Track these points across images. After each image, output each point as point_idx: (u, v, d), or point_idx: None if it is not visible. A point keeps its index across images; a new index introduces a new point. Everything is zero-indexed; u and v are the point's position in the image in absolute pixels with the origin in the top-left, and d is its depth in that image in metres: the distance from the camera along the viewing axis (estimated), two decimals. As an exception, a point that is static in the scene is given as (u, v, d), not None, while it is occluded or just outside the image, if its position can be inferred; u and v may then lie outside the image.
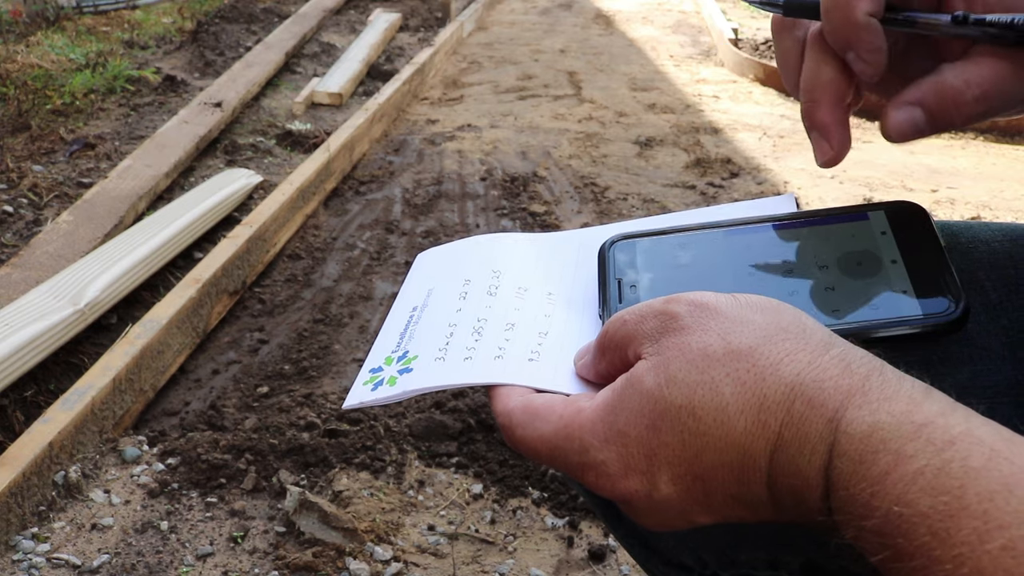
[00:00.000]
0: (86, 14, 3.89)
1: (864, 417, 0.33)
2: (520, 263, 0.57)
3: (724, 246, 0.51)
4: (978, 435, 0.31)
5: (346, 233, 2.20)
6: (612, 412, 0.39)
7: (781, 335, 0.38)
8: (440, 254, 0.62)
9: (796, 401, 0.35)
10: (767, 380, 0.36)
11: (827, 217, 0.52)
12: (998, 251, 0.51)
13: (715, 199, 2.42)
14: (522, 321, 0.51)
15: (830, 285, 0.47)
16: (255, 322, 1.80)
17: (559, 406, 0.42)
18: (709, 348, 0.38)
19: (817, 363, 0.36)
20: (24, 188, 2.23)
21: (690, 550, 0.55)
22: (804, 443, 0.35)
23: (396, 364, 0.51)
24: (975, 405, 0.47)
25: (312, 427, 1.43)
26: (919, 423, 0.32)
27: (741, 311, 0.39)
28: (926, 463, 0.31)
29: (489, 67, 3.75)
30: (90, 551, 1.19)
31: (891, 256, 0.48)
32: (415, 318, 0.55)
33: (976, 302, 0.49)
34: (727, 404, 0.36)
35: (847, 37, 0.45)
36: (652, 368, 0.39)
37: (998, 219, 2.27)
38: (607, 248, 0.53)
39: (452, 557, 1.21)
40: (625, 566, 1.19)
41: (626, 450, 0.39)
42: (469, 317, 0.52)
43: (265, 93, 3.12)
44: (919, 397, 0.34)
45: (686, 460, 0.38)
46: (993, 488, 0.29)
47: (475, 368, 0.47)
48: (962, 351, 0.47)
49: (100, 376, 1.39)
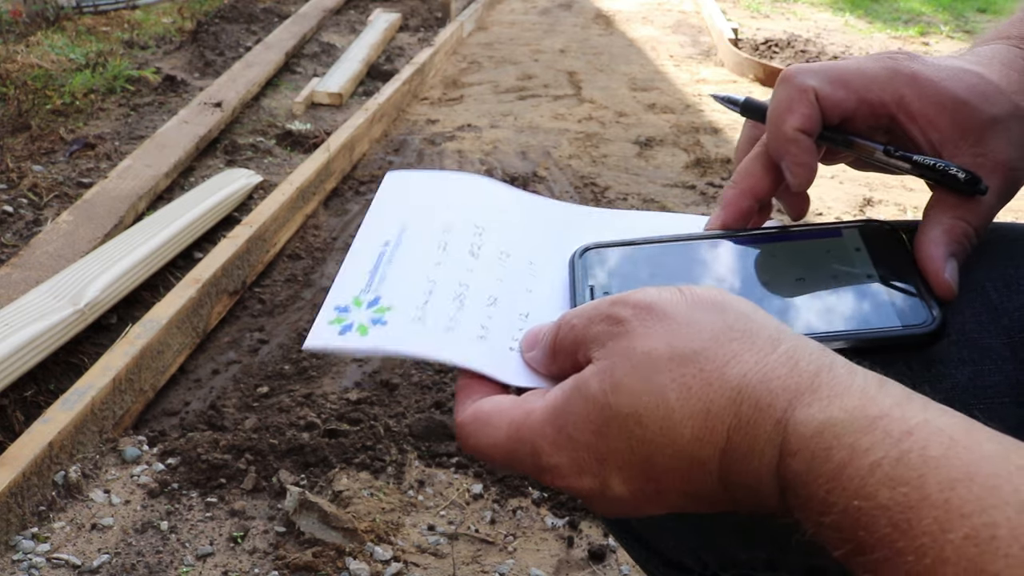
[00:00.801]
0: (86, 14, 3.89)
1: (815, 415, 0.33)
2: (503, 222, 0.55)
3: (699, 257, 0.51)
4: (936, 424, 0.31)
5: (346, 233, 2.20)
6: (561, 416, 0.39)
7: (728, 335, 0.37)
8: (415, 182, 0.58)
9: (743, 404, 0.35)
10: (713, 385, 0.36)
11: (801, 233, 0.53)
12: (998, 250, 0.51)
13: (715, 199, 2.42)
14: (504, 296, 0.50)
15: (808, 298, 0.48)
16: (255, 322, 1.80)
17: (509, 410, 0.42)
18: (654, 353, 0.37)
19: (764, 363, 0.36)
20: (24, 188, 2.23)
21: (690, 550, 0.55)
22: (754, 445, 0.35)
23: (367, 310, 0.48)
24: (975, 406, 0.47)
25: (312, 427, 1.43)
26: (873, 416, 0.32)
27: (688, 311, 0.39)
28: (883, 455, 0.31)
29: (489, 67, 3.75)
30: (90, 551, 1.19)
31: (866, 271, 0.49)
32: (386, 256, 0.52)
33: (976, 302, 0.49)
34: (673, 411, 0.36)
35: (778, 148, 0.50)
36: (598, 373, 0.39)
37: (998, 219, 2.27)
38: (578, 256, 0.52)
39: (452, 557, 1.21)
40: (625, 566, 1.19)
41: (576, 454, 0.39)
42: (450, 278, 0.50)
43: (265, 93, 3.12)
44: (872, 390, 0.34)
45: (636, 464, 0.38)
46: (954, 476, 0.29)
47: (458, 345, 0.46)
48: (962, 352, 0.47)
49: (100, 376, 1.39)
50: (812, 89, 0.48)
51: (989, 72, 0.49)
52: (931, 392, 0.46)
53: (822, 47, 3.97)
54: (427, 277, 0.50)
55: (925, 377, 0.47)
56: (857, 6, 5.05)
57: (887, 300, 0.47)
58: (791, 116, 0.48)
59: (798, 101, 0.48)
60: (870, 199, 2.42)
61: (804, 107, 0.48)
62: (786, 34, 4.20)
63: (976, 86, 0.48)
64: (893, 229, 0.51)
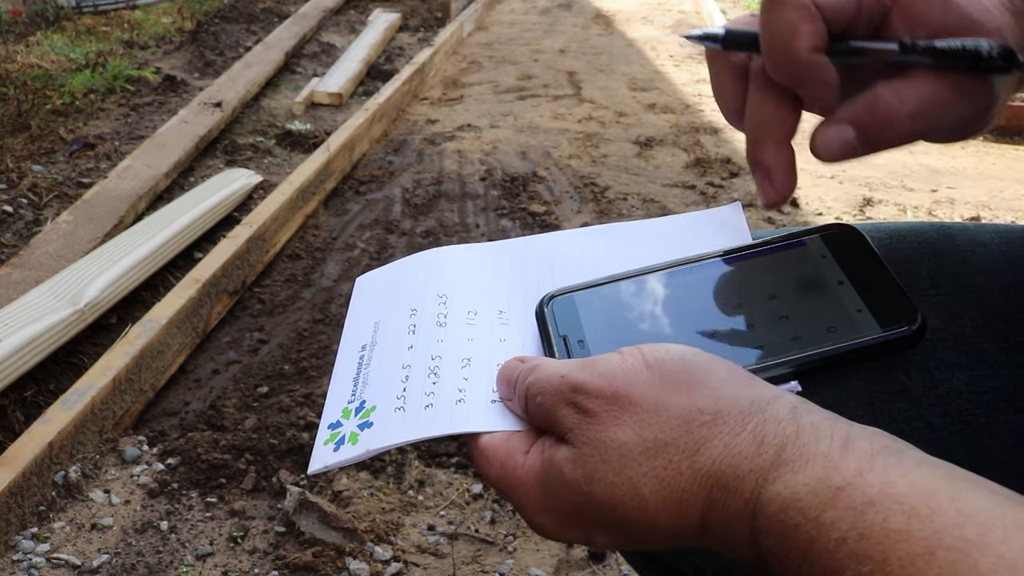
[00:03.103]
0: (86, 14, 3.89)
1: (780, 491, 0.34)
2: (464, 283, 0.55)
3: (666, 291, 0.50)
4: (895, 492, 0.31)
5: (346, 233, 2.20)
6: (542, 486, 0.41)
7: (697, 420, 0.37)
8: (381, 277, 0.59)
9: (713, 489, 0.36)
10: (684, 474, 0.37)
11: (763, 249, 0.51)
12: (995, 254, 0.51)
13: (715, 199, 2.42)
14: (477, 354, 0.50)
15: (784, 314, 0.47)
16: (255, 322, 1.80)
17: (500, 453, 0.44)
18: (625, 447, 0.38)
19: (732, 445, 0.36)
20: (24, 188, 2.23)
21: (686, 556, 0.55)
22: (727, 523, 0.36)
23: (355, 418, 0.49)
24: (972, 411, 0.47)
25: (312, 427, 1.43)
26: (836, 487, 0.32)
27: (657, 394, 0.39)
28: (849, 528, 0.31)
29: (489, 67, 3.75)
30: (90, 551, 1.19)
31: (837, 278, 0.48)
32: (365, 359, 0.53)
33: (972, 306, 0.48)
34: (647, 502, 0.37)
35: (794, 75, 0.43)
36: (572, 461, 0.39)
37: (998, 219, 2.27)
38: (545, 305, 0.51)
39: (452, 557, 1.21)
40: (625, 566, 1.19)
41: (560, 518, 0.41)
42: (422, 356, 0.50)
43: (265, 93, 3.12)
44: (836, 455, 0.34)
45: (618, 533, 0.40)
46: (915, 552, 0.29)
47: (438, 418, 0.46)
48: (959, 356, 0.47)
49: (100, 376, 1.39)
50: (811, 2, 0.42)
51: None
52: (928, 398, 0.46)
53: (822, 47, 3.97)
54: (401, 365, 0.50)
55: (921, 383, 0.47)
56: (857, 6, 5.05)
57: (863, 306, 0.46)
58: (800, 37, 0.42)
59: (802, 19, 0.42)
60: (870, 199, 2.42)
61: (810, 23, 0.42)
62: (786, 34, 4.20)
63: None
64: (854, 229, 0.50)
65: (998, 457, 0.45)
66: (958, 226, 0.54)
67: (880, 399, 0.46)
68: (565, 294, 0.51)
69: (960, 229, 0.53)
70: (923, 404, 0.46)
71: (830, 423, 0.36)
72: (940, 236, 0.52)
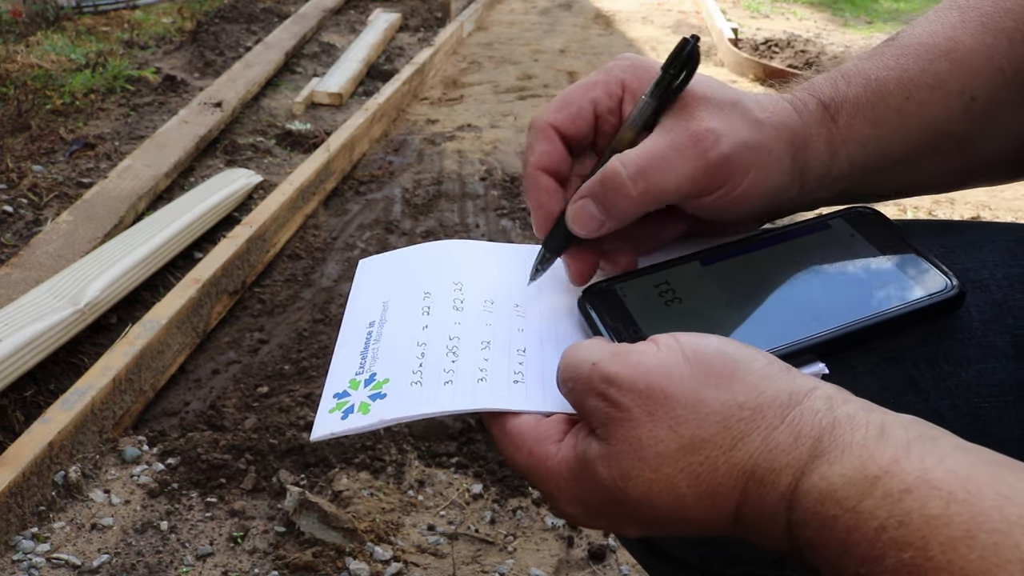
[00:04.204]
0: (86, 14, 3.89)
1: (816, 483, 0.34)
2: (480, 274, 0.55)
3: (705, 279, 0.51)
4: (933, 479, 0.31)
5: (346, 233, 2.20)
6: (573, 480, 0.41)
7: (737, 415, 0.37)
8: (387, 262, 0.59)
9: (749, 482, 0.36)
10: (720, 469, 0.37)
11: (789, 233, 0.53)
12: (1003, 248, 0.51)
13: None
14: (497, 338, 0.50)
15: (828, 292, 0.48)
16: (255, 322, 1.80)
17: (529, 440, 0.43)
18: (661, 445, 0.38)
19: (769, 439, 0.36)
20: (24, 188, 2.23)
21: (693, 548, 0.55)
22: (762, 516, 0.36)
23: (365, 388, 0.48)
24: (981, 404, 0.47)
25: (312, 427, 1.43)
26: (873, 476, 0.32)
27: (695, 388, 0.38)
28: (887, 516, 0.31)
29: (489, 67, 3.75)
30: (90, 551, 1.19)
31: (870, 253, 0.49)
32: (374, 335, 0.52)
33: (981, 300, 0.49)
34: (684, 496, 0.38)
35: (524, 182, 0.51)
36: (604, 459, 0.39)
37: (998, 219, 2.27)
38: (585, 300, 0.51)
39: (452, 557, 1.21)
40: (625, 566, 1.19)
41: (590, 511, 0.41)
42: (439, 335, 0.50)
43: (265, 93, 3.12)
44: (872, 445, 0.34)
45: (650, 524, 0.40)
46: (956, 536, 0.29)
47: (459, 394, 0.46)
48: (967, 350, 0.47)
49: (100, 376, 1.39)
50: (550, 126, 0.50)
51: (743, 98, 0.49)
52: (936, 391, 0.47)
53: (822, 47, 3.97)
54: (417, 342, 0.50)
55: (931, 376, 0.47)
56: (857, 6, 5.05)
57: (903, 275, 0.47)
58: (531, 154, 0.50)
59: (538, 139, 0.50)
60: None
61: (545, 144, 0.50)
62: (786, 34, 4.20)
63: (707, 84, 0.49)
64: (874, 210, 0.52)
65: (1009, 450, 0.46)
66: (966, 222, 0.55)
67: (889, 390, 0.47)
68: (603, 287, 0.52)
69: (968, 225, 0.54)
70: (932, 397, 0.47)
71: (865, 413, 0.36)
72: (947, 231, 0.53)
